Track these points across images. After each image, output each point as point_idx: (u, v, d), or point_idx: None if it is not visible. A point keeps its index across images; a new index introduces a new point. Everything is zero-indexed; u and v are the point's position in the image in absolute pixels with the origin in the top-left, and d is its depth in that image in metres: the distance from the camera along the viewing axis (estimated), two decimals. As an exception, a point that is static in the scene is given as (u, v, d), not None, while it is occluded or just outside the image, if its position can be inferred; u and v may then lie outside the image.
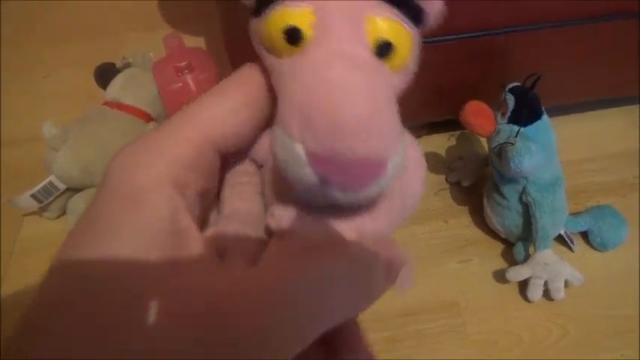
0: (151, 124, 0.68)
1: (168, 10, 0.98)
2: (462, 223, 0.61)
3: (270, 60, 0.17)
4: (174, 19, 0.95)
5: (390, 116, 0.16)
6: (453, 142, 0.70)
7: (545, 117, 0.50)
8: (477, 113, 0.50)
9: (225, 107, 0.17)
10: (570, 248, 0.57)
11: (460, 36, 0.51)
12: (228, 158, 0.18)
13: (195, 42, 0.87)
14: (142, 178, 0.15)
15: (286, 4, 0.16)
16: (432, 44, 0.51)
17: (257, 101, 0.17)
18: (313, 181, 0.15)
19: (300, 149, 0.15)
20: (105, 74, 0.71)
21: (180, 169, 0.16)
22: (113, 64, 0.72)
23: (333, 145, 0.15)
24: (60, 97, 0.81)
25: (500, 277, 0.55)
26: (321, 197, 0.16)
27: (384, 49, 0.16)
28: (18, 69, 0.89)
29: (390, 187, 0.17)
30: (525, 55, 0.55)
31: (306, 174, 0.15)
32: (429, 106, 0.62)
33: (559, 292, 0.52)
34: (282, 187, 0.17)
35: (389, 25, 0.16)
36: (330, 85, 0.15)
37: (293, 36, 0.16)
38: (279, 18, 0.16)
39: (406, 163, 0.17)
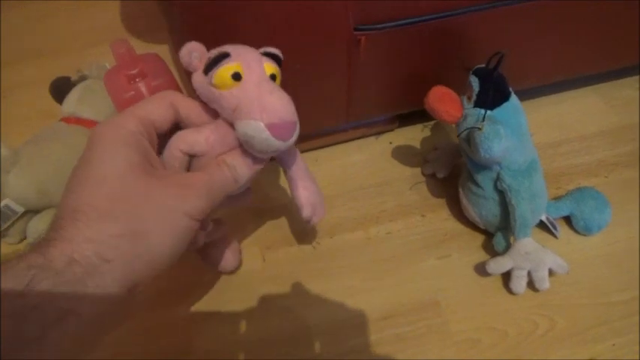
0: None
1: (132, 21, 0.95)
2: (439, 216, 0.58)
3: (216, 92, 0.34)
4: (138, 29, 0.93)
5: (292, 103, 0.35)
6: (427, 133, 0.68)
7: (513, 98, 0.48)
8: (441, 99, 0.47)
9: (158, 106, 0.37)
10: (554, 235, 0.54)
11: (419, 19, 0.49)
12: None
13: (159, 49, 0.85)
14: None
15: (227, 63, 0.34)
16: (391, 29, 0.49)
17: (173, 106, 0.37)
18: (269, 138, 0.32)
19: (261, 124, 0.32)
20: (60, 89, 0.68)
21: (140, 127, 0.34)
22: (68, 78, 0.69)
23: (280, 117, 0.33)
24: (17, 119, 0.78)
25: (481, 270, 0.52)
26: (269, 148, 0.34)
27: (273, 77, 0.35)
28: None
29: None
30: (490, 36, 0.53)
31: (266, 136, 0.32)
32: (396, 98, 0.60)
33: (543, 281, 0.49)
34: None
35: (271, 67, 0.35)
36: (268, 90, 0.33)
37: (237, 76, 0.34)
38: (225, 70, 0.33)
39: None
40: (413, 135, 0.68)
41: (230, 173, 0.36)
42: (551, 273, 0.49)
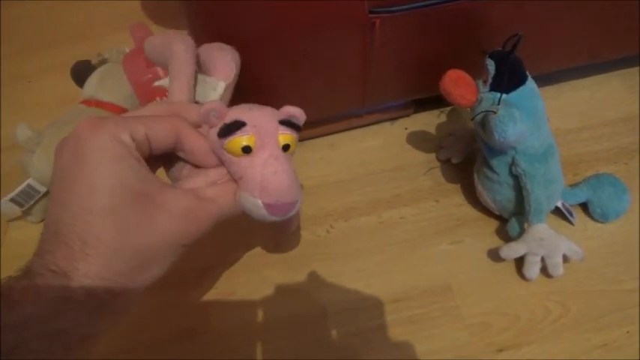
0: None
1: (151, 9, 0.96)
2: (453, 202, 0.58)
3: (226, 155, 0.33)
4: (158, 17, 0.93)
5: (297, 180, 0.34)
6: (443, 118, 0.67)
7: (530, 82, 0.47)
8: (456, 82, 0.47)
9: (161, 126, 0.32)
10: (569, 221, 0.54)
11: (435, 1, 0.48)
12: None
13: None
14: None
15: (241, 133, 0.32)
16: (406, 12, 0.48)
17: (176, 135, 0.32)
18: (265, 214, 0.33)
19: (259, 202, 0.32)
20: (81, 72, 0.69)
21: (133, 141, 0.30)
22: (88, 62, 0.70)
23: (278, 199, 0.33)
24: (41, 103, 0.80)
25: (494, 256, 0.52)
26: (266, 220, 0.34)
27: (286, 148, 0.34)
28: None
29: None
30: (507, 18, 0.52)
31: (263, 212, 0.33)
32: (412, 83, 0.59)
33: (557, 268, 0.49)
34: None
35: (286, 137, 0.34)
36: (273, 171, 0.32)
37: (247, 149, 0.32)
38: (237, 142, 0.32)
39: None
40: (428, 121, 0.67)
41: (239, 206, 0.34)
42: (565, 259, 0.49)
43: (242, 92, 0.55)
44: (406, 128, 0.67)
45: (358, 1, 0.46)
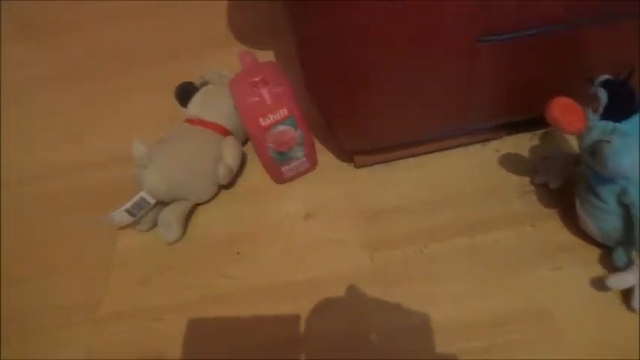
0: (229, 138, 0.71)
1: (238, 27, 1.02)
2: (551, 227, 0.58)
3: None
4: (244, 35, 0.99)
5: None
6: (535, 141, 0.67)
7: (643, 111, 0.47)
8: (565, 110, 0.47)
9: None
10: (679, 252, 0.52)
11: (540, 30, 0.49)
12: None
13: (265, 55, 0.90)
14: None
15: None
16: (512, 40, 0.49)
17: None
18: None
19: None
20: (185, 93, 0.75)
21: None
22: (192, 83, 0.75)
23: None
24: (142, 119, 0.86)
25: (597, 284, 0.51)
26: None
27: None
28: (102, 95, 0.97)
29: None
30: (614, 47, 0.52)
31: None
32: (511, 105, 0.60)
33: (668, 300, 0.48)
34: None
35: None
36: None
37: None
38: None
39: None
40: (520, 143, 0.67)
41: None
42: (676, 292, 0.48)
43: (357, 113, 0.58)
44: (497, 150, 0.67)
45: (467, 30, 0.48)
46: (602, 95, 0.46)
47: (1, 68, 1.13)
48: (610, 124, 0.45)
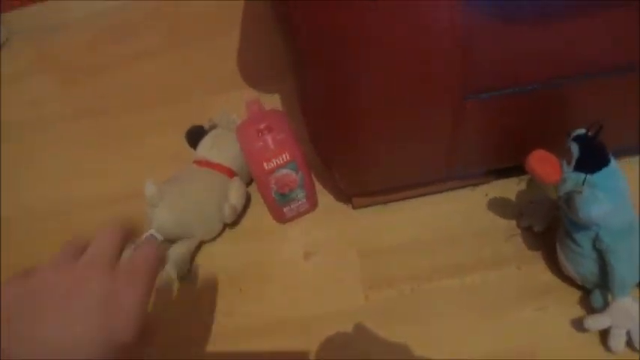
0: (235, 179, 0.75)
1: (247, 69, 1.08)
2: (535, 269, 0.61)
3: None
4: (253, 77, 1.05)
5: None
6: (522, 186, 0.71)
7: (613, 163, 0.51)
8: (542, 162, 0.51)
9: None
10: (655, 295, 0.55)
11: (525, 88, 0.54)
12: None
13: (272, 98, 0.96)
14: None
15: None
16: (502, 96, 0.54)
17: None
18: None
19: None
20: (195, 136, 0.80)
21: None
22: (202, 127, 0.81)
23: None
24: (152, 158, 0.91)
25: (578, 325, 0.54)
26: None
27: None
28: (114, 134, 1.03)
29: None
30: (591, 102, 0.56)
31: None
32: (495, 155, 0.64)
33: (643, 341, 0.50)
34: None
35: None
36: None
37: None
38: None
39: None
40: (508, 188, 0.71)
41: None
42: (651, 333, 0.51)
43: (352, 159, 0.62)
44: (486, 194, 0.71)
45: (454, 89, 0.53)
46: (574, 149, 0.51)
47: (12, 104, 1.21)
48: (582, 176, 0.49)
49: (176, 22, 1.34)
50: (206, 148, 0.78)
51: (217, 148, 0.77)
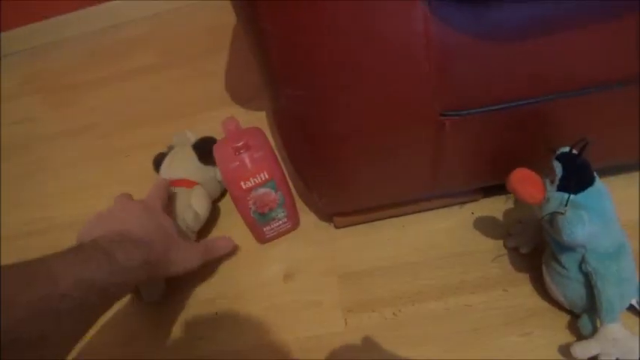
0: (195, 187, 0.75)
1: (235, 90, 1.07)
2: (522, 292, 0.59)
3: None
4: (239, 97, 1.04)
5: None
6: (510, 204, 0.69)
7: (598, 182, 0.48)
8: (524, 181, 0.49)
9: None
10: (646, 320, 0.53)
11: (504, 105, 0.52)
12: None
13: (256, 116, 0.94)
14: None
15: None
16: (476, 114, 0.52)
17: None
18: None
19: None
20: (158, 162, 0.81)
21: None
22: (163, 154, 0.81)
23: None
24: (137, 177, 0.89)
25: (565, 352, 0.52)
26: None
27: None
28: (99, 153, 1.02)
29: None
30: (575, 119, 0.54)
31: None
32: (480, 173, 0.62)
33: (634, 370, 0.48)
34: None
35: None
36: None
37: None
38: None
39: None
40: (496, 206, 0.69)
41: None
42: (642, 361, 0.48)
43: (329, 178, 0.60)
44: (473, 213, 0.69)
45: (430, 106, 0.51)
46: (558, 168, 0.48)
47: (2, 123, 1.20)
48: (565, 196, 0.47)
49: (168, 43, 1.34)
50: (165, 170, 0.78)
51: (174, 164, 0.78)
